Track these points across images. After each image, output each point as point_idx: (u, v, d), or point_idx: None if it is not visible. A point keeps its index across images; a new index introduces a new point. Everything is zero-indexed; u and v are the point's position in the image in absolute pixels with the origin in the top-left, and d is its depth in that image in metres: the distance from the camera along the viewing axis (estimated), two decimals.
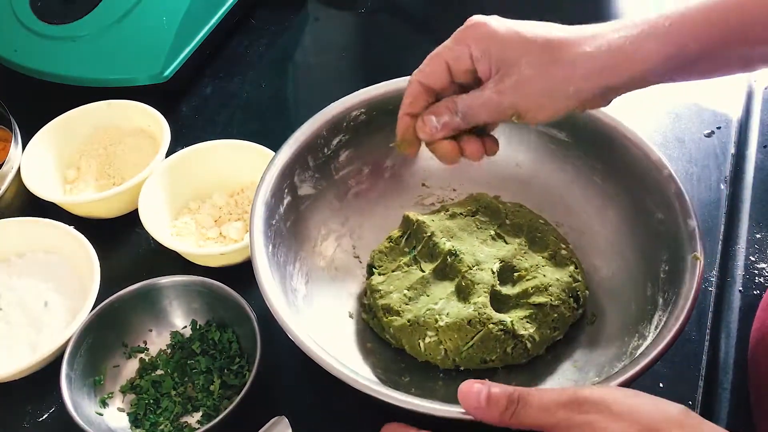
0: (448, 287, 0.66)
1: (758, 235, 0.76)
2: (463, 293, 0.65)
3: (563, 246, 0.69)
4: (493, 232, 0.70)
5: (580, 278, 0.67)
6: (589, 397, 0.46)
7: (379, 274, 0.69)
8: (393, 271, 0.68)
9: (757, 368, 0.63)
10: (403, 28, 1.07)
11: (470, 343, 0.62)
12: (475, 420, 0.51)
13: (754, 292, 0.72)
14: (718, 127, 0.86)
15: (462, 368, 0.64)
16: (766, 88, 0.90)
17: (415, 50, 1.02)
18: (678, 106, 0.89)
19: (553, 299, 0.64)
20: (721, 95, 0.90)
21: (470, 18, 0.59)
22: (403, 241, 0.70)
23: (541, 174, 0.74)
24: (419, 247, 0.69)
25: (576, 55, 0.54)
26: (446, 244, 0.68)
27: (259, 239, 0.64)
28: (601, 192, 0.71)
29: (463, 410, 0.52)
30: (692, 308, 0.57)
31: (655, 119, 0.87)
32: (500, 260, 0.67)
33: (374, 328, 0.67)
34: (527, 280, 0.66)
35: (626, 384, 0.53)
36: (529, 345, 0.63)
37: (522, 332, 0.63)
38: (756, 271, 0.74)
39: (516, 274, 0.67)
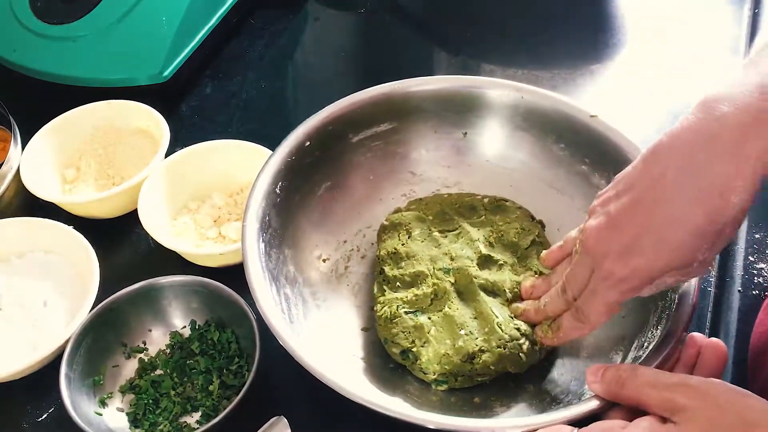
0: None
1: (757, 236, 0.76)
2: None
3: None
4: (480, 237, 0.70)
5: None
6: (697, 385, 0.47)
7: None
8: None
9: (759, 370, 0.63)
10: (403, 28, 1.07)
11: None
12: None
13: (753, 292, 0.72)
14: None
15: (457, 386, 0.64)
16: None
17: (415, 50, 1.04)
18: (678, 106, 0.89)
19: None
20: None
21: None
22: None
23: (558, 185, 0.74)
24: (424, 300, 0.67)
25: None
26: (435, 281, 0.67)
27: (253, 246, 0.63)
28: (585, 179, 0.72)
29: (455, 423, 0.53)
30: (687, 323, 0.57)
31: (655, 119, 0.87)
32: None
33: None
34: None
35: None
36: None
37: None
38: (755, 272, 0.74)
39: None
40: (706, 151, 0.48)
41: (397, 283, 0.67)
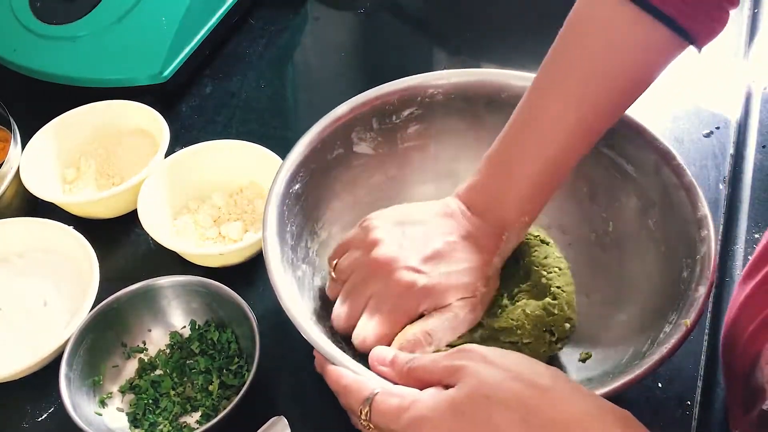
0: None
1: (756, 235, 0.76)
2: None
3: (545, 273, 0.65)
4: None
5: (556, 311, 0.62)
6: (467, 347, 0.52)
7: None
8: None
9: (728, 359, 0.64)
10: (403, 28, 1.07)
11: None
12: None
13: None
14: (717, 128, 0.86)
15: None
16: (765, 89, 0.90)
17: (415, 50, 1.04)
18: (677, 106, 0.89)
19: (524, 338, 0.62)
20: (720, 96, 0.90)
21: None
22: None
23: (601, 199, 0.72)
24: None
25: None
26: None
27: (282, 182, 0.65)
28: (649, 235, 0.68)
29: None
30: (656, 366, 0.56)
31: (655, 119, 0.87)
32: None
33: None
34: (498, 316, 0.63)
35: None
36: None
37: None
38: None
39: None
40: None
41: None
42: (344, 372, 0.55)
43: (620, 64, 0.59)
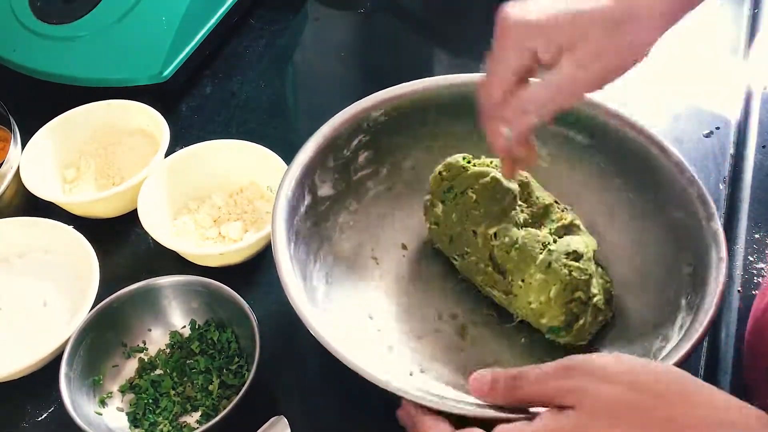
0: None
1: (757, 236, 0.76)
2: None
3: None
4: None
5: (608, 278, 0.66)
6: (576, 362, 0.48)
7: None
8: None
9: (753, 352, 0.64)
10: (403, 28, 1.07)
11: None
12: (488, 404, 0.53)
13: (753, 292, 0.72)
14: (717, 128, 0.86)
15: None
16: (765, 89, 0.90)
17: (415, 51, 1.04)
18: (677, 106, 0.89)
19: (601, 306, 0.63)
20: (720, 96, 0.90)
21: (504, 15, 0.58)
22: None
23: (561, 172, 0.73)
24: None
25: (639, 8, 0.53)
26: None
27: (282, 237, 0.63)
28: (618, 195, 0.71)
29: (468, 403, 0.53)
30: (716, 311, 0.57)
31: (654, 120, 0.87)
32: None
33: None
34: None
35: None
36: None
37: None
38: (755, 272, 0.74)
39: None
40: None
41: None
42: (449, 428, 0.52)
43: None
